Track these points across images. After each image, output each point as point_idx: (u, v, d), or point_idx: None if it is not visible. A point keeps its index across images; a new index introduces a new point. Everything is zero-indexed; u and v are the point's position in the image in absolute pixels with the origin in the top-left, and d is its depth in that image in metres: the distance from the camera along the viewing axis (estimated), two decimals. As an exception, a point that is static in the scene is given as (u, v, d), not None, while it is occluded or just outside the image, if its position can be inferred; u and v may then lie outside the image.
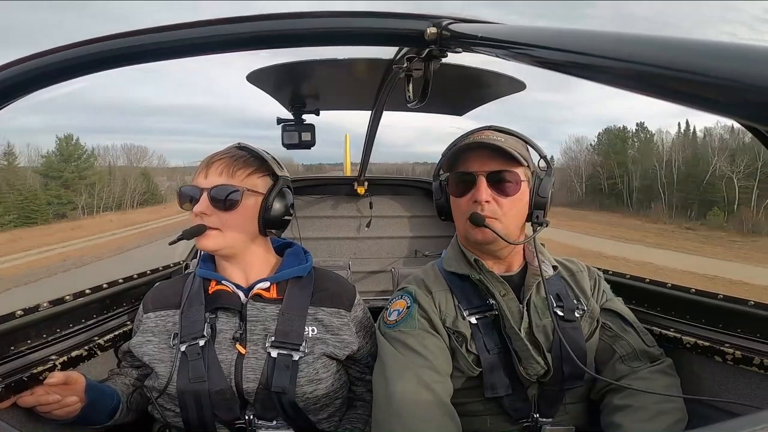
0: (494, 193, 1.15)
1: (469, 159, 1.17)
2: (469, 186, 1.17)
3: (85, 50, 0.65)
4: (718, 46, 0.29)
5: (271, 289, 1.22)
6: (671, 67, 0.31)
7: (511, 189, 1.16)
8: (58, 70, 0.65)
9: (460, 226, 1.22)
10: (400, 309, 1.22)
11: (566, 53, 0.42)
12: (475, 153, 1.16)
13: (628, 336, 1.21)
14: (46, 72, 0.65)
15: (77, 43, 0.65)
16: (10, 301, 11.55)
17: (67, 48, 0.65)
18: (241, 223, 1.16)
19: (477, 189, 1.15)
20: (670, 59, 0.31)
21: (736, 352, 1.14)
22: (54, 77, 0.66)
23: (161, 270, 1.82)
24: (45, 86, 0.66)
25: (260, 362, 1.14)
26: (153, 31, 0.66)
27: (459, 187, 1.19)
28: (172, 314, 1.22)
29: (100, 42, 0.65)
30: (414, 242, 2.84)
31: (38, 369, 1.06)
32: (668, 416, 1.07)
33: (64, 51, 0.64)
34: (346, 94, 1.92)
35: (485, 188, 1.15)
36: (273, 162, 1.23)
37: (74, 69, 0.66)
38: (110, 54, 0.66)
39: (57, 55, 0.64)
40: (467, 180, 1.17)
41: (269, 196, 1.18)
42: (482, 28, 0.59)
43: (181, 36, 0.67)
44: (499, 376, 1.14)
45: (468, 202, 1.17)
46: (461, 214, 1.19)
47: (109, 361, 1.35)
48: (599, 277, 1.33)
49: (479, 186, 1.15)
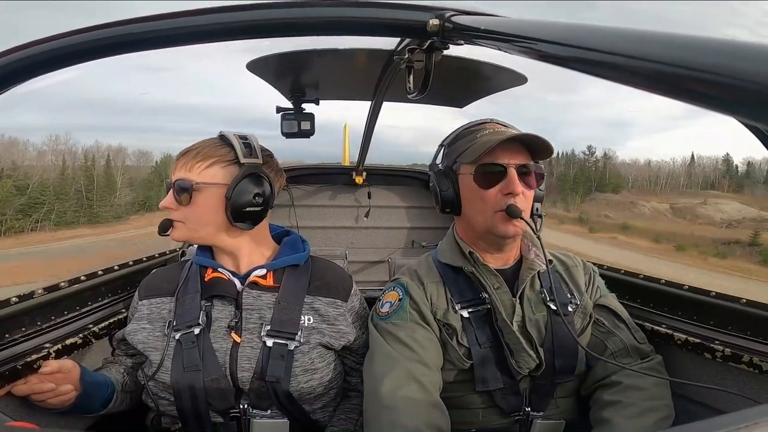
0: (522, 185, 1.15)
1: (497, 151, 1.14)
2: (498, 178, 1.14)
3: (81, 38, 0.64)
4: (721, 43, 0.29)
5: (267, 276, 1.21)
6: (673, 64, 0.31)
7: (534, 182, 1.18)
8: (54, 58, 0.65)
9: (481, 218, 1.17)
10: (392, 301, 1.22)
11: (569, 48, 0.42)
12: (503, 145, 1.13)
13: (620, 332, 1.22)
14: (47, 59, 0.65)
15: (73, 32, 0.64)
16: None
17: (62, 36, 0.64)
18: (201, 215, 1.16)
19: (511, 181, 1.13)
20: (673, 56, 0.31)
21: (725, 350, 1.15)
22: (50, 65, 0.66)
23: (157, 257, 1.82)
24: (46, 72, 0.66)
25: (255, 351, 1.14)
26: (153, 19, 0.65)
27: (487, 178, 1.16)
28: (168, 301, 1.22)
29: (98, 30, 0.65)
30: (411, 233, 2.84)
31: (32, 357, 1.06)
32: (657, 413, 1.08)
33: (60, 39, 0.64)
34: (347, 84, 1.91)
35: (518, 181, 1.14)
36: (242, 149, 1.17)
37: (69, 57, 0.66)
38: (109, 41, 0.65)
39: (53, 43, 0.64)
40: (496, 172, 1.15)
41: (231, 187, 1.13)
42: (485, 21, 0.59)
43: (182, 24, 0.67)
44: (491, 370, 1.15)
45: (497, 195, 1.14)
46: (487, 207, 1.15)
47: (104, 349, 1.35)
48: (594, 273, 1.33)
49: (512, 178, 1.13)
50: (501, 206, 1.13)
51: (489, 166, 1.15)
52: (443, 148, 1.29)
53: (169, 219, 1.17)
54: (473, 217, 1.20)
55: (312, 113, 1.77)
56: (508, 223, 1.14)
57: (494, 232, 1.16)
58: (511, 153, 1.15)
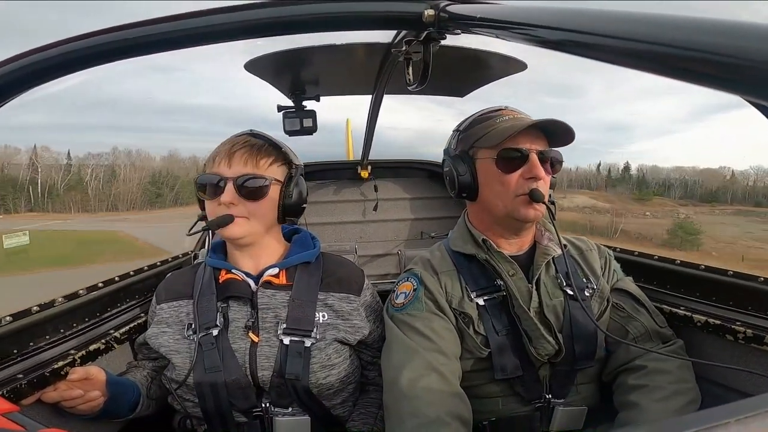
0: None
1: (518, 137, 1.14)
2: (519, 163, 1.15)
3: (79, 45, 0.65)
4: (721, 23, 0.28)
5: (280, 275, 1.23)
6: (674, 45, 0.31)
7: (554, 168, 1.18)
8: (57, 65, 0.66)
9: (501, 203, 1.17)
10: (407, 292, 1.22)
11: (565, 32, 0.41)
12: (524, 131, 1.14)
13: (641, 316, 1.21)
14: (48, 66, 0.65)
15: (68, 39, 0.64)
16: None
17: (61, 44, 0.64)
18: (266, 211, 1.19)
19: (534, 166, 1.13)
20: (673, 36, 0.31)
21: (747, 331, 1.13)
22: (53, 72, 0.66)
23: (171, 261, 1.84)
24: (48, 80, 0.67)
25: (273, 350, 1.15)
26: (146, 24, 0.65)
27: (509, 163, 1.15)
28: (185, 304, 1.24)
29: (95, 36, 0.65)
30: (419, 224, 2.83)
31: (59, 364, 1.08)
32: (684, 396, 1.07)
33: (60, 46, 0.64)
34: (346, 80, 1.90)
35: (540, 165, 1.14)
36: (288, 150, 1.25)
37: (69, 64, 0.66)
38: (104, 48, 0.66)
39: (54, 50, 0.64)
40: (517, 157, 1.15)
41: (289, 185, 1.21)
42: (480, 9, 0.58)
43: (176, 27, 0.66)
44: (509, 357, 1.14)
45: (519, 179, 1.15)
46: (508, 191, 1.15)
47: (126, 353, 1.38)
48: (609, 256, 1.32)
49: (535, 162, 1.13)
50: (524, 190, 1.14)
51: (511, 151, 1.15)
52: (458, 133, 1.28)
53: (230, 214, 1.15)
54: (492, 202, 1.19)
55: (313, 110, 1.76)
56: (529, 207, 1.14)
57: (515, 216, 1.16)
58: (532, 139, 1.16)
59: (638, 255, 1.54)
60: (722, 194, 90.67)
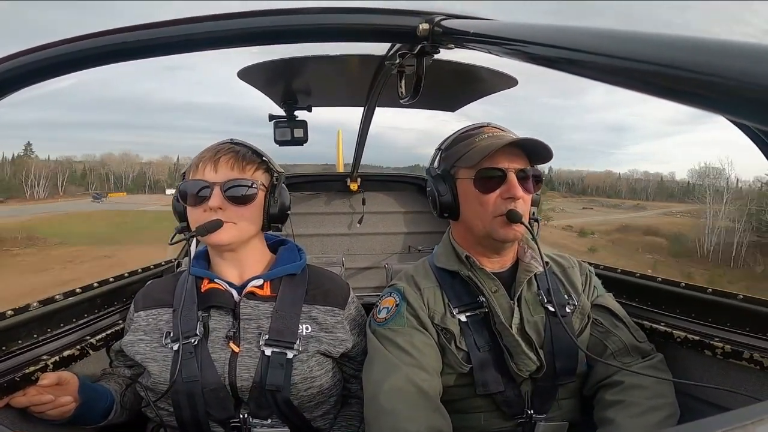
0: (521, 190, 1.15)
1: (496, 155, 1.14)
2: (497, 183, 1.14)
3: (73, 47, 0.64)
4: (712, 42, 0.29)
5: (264, 286, 1.21)
6: (662, 64, 0.31)
7: (534, 186, 1.18)
8: (55, 65, 0.65)
9: (480, 223, 1.17)
10: (389, 307, 1.21)
11: (559, 50, 0.42)
12: (502, 149, 1.13)
13: (620, 332, 1.22)
14: (46, 65, 0.65)
15: (64, 41, 0.64)
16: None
17: (59, 44, 0.64)
18: (252, 217, 1.18)
19: (512, 185, 1.13)
20: (662, 56, 0.31)
21: (725, 346, 1.15)
22: (51, 71, 0.66)
23: (153, 268, 1.81)
24: (44, 80, 0.66)
25: (254, 360, 1.13)
26: (137, 29, 0.65)
27: (486, 183, 1.15)
28: (165, 313, 1.21)
29: (86, 39, 0.64)
30: (407, 238, 2.84)
31: (30, 369, 1.05)
32: (660, 412, 1.08)
33: (59, 46, 0.64)
34: (339, 91, 1.91)
35: (518, 185, 1.14)
36: (269, 158, 1.24)
37: (67, 64, 0.66)
38: (95, 51, 0.65)
39: (53, 50, 0.64)
40: (495, 176, 1.15)
41: (273, 191, 1.20)
42: (474, 25, 0.59)
43: (169, 33, 0.66)
44: (491, 373, 1.14)
45: (497, 199, 1.14)
46: (486, 212, 1.15)
47: (102, 360, 1.34)
48: (590, 273, 1.33)
49: (513, 183, 1.13)
50: (501, 211, 1.13)
51: (489, 171, 1.15)
52: (440, 152, 1.28)
53: (220, 219, 1.13)
54: (472, 222, 1.20)
55: (305, 120, 1.76)
56: (507, 228, 1.14)
57: (494, 237, 1.16)
58: (511, 157, 1.15)
59: (621, 272, 1.56)
60: (593, 189, 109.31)
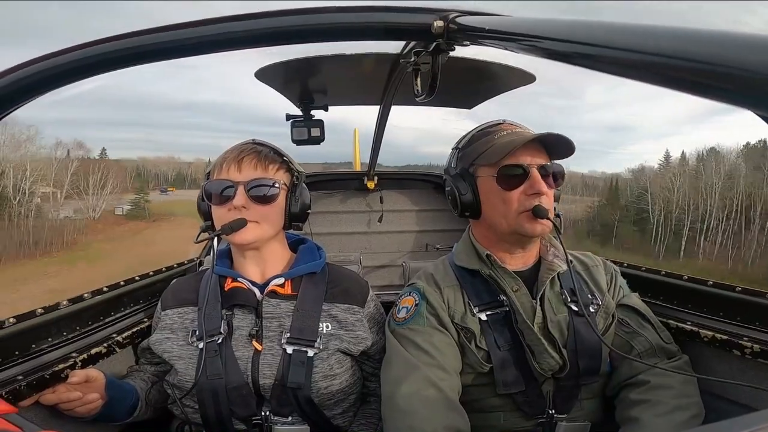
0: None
1: (518, 152, 1.13)
2: (520, 179, 1.14)
3: (85, 52, 0.66)
4: (730, 35, 0.28)
5: (285, 285, 1.23)
6: (683, 57, 0.30)
7: (555, 183, 1.17)
8: (67, 71, 0.66)
9: (504, 220, 1.16)
10: (408, 306, 1.21)
11: (574, 44, 0.41)
12: (524, 146, 1.13)
13: (646, 332, 1.19)
14: (59, 72, 0.66)
15: (75, 47, 0.66)
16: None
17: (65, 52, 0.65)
18: (275, 216, 1.20)
19: (535, 181, 1.12)
20: (683, 49, 0.31)
21: (754, 346, 1.12)
22: (64, 78, 0.67)
23: (176, 267, 1.85)
24: (57, 87, 0.68)
25: (276, 358, 1.15)
26: (155, 31, 0.66)
27: (509, 180, 1.14)
28: (190, 311, 1.24)
29: (102, 43, 0.66)
30: (425, 236, 2.83)
31: (59, 366, 1.08)
32: (686, 411, 1.06)
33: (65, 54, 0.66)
34: (355, 90, 1.92)
35: (542, 181, 1.13)
36: (290, 158, 1.26)
37: (79, 71, 0.67)
38: (111, 55, 0.67)
39: (63, 57, 0.65)
40: (518, 173, 1.14)
41: (295, 191, 1.22)
42: (489, 21, 0.59)
43: (187, 35, 0.67)
44: (511, 372, 1.13)
45: (521, 196, 1.14)
46: (511, 209, 1.14)
47: (128, 358, 1.38)
48: (616, 272, 1.31)
49: (536, 178, 1.12)
50: (526, 207, 1.12)
51: (511, 168, 1.14)
52: (457, 151, 1.27)
53: (244, 218, 1.14)
54: (494, 219, 1.18)
55: (321, 120, 1.77)
56: (534, 222, 1.13)
57: (520, 232, 1.15)
58: (532, 154, 1.14)
59: (645, 270, 1.52)
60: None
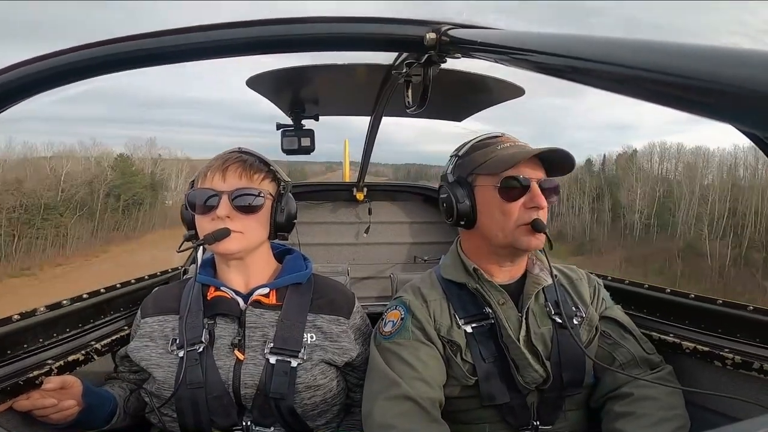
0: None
1: (520, 165, 1.14)
2: (520, 192, 1.14)
3: (79, 55, 0.65)
4: (718, 51, 0.28)
5: (270, 295, 1.21)
6: (670, 73, 0.31)
7: (552, 197, 1.18)
8: (63, 72, 0.66)
9: (501, 232, 1.15)
10: (394, 320, 1.21)
11: (566, 59, 0.42)
12: (525, 160, 1.14)
13: (628, 344, 1.21)
14: (55, 73, 0.65)
15: (79, 47, 0.65)
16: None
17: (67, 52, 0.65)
18: (259, 226, 1.18)
19: (536, 195, 1.13)
20: (669, 64, 0.31)
21: (735, 357, 1.14)
22: (60, 79, 0.66)
23: (159, 275, 1.81)
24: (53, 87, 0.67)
25: (259, 368, 1.13)
26: (145, 37, 0.65)
27: (511, 192, 1.14)
28: (171, 319, 1.22)
29: (89, 48, 0.65)
30: (413, 248, 2.83)
31: (34, 373, 1.06)
32: (671, 422, 1.06)
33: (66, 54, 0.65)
34: (346, 100, 1.92)
35: (542, 195, 1.14)
36: (276, 167, 1.25)
37: (75, 72, 0.66)
38: (101, 60, 0.66)
39: (61, 58, 0.65)
40: (519, 186, 1.14)
41: (280, 200, 1.21)
42: (481, 34, 0.59)
43: (179, 41, 0.67)
44: (497, 385, 1.13)
45: (520, 208, 1.14)
46: (509, 221, 1.14)
47: (106, 365, 1.34)
48: (599, 285, 1.32)
49: (537, 192, 1.13)
50: (525, 220, 1.13)
51: (514, 180, 1.14)
52: (456, 158, 1.26)
53: (227, 228, 1.13)
54: (490, 230, 1.18)
55: (312, 129, 1.77)
56: (531, 237, 1.13)
57: (516, 246, 1.15)
58: (533, 168, 1.16)
59: (629, 284, 1.54)
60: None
